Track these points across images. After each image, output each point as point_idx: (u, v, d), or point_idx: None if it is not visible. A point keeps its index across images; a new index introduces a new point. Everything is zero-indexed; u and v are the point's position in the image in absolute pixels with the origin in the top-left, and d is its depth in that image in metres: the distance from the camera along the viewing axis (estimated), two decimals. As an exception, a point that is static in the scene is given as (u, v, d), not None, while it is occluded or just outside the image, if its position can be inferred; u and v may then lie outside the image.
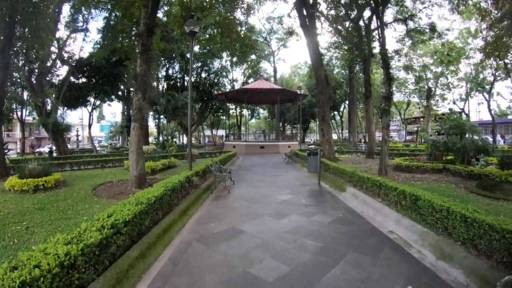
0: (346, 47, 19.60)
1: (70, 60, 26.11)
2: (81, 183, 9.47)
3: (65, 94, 25.54)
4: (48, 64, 22.92)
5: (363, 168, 11.69)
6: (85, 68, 27.98)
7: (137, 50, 9.90)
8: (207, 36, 12.71)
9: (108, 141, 51.87)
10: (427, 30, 16.27)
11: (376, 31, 16.99)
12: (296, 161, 16.85)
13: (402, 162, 11.28)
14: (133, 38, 12.30)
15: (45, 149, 31.27)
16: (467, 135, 12.18)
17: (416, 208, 4.97)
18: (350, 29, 17.14)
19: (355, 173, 7.67)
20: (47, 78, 24.46)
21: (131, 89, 33.29)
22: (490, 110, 34.29)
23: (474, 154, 11.02)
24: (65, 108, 31.32)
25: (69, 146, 46.58)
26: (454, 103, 38.83)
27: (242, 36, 12.59)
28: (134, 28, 12.53)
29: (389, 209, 5.64)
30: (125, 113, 33.86)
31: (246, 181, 10.68)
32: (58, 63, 25.84)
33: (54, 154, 21.82)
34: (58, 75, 27.46)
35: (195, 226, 5.47)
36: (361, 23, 16.72)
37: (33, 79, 21.09)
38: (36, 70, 21.26)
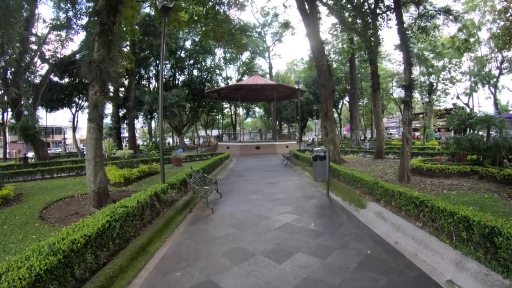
0: (348, 37, 17.89)
1: (52, 58, 24.07)
2: (36, 199, 7.72)
3: (45, 94, 23.55)
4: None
5: (376, 172, 9.92)
6: (69, 67, 26.13)
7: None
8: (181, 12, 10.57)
9: (98, 144, 49.68)
10: (439, 15, 14.50)
11: (380, 16, 15.32)
12: (296, 164, 15.01)
13: (422, 164, 9.50)
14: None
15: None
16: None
17: (489, 246, 3.21)
18: (351, 16, 15.47)
19: (378, 184, 5.77)
20: (29, 78, 22.63)
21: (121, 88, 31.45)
22: (496, 105, 32.93)
23: (506, 153, 9.39)
24: (48, 109, 29.44)
25: (59, 149, 44.57)
26: (458, 98, 37.31)
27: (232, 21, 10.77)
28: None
29: (440, 243, 3.82)
30: (114, 114, 31.87)
31: (236, 192, 8.76)
32: (38, 61, 23.88)
33: (33, 160, 19.88)
34: (41, 75, 25.38)
35: (153, 276, 3.59)
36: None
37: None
38: (13, 69, 19.22)
